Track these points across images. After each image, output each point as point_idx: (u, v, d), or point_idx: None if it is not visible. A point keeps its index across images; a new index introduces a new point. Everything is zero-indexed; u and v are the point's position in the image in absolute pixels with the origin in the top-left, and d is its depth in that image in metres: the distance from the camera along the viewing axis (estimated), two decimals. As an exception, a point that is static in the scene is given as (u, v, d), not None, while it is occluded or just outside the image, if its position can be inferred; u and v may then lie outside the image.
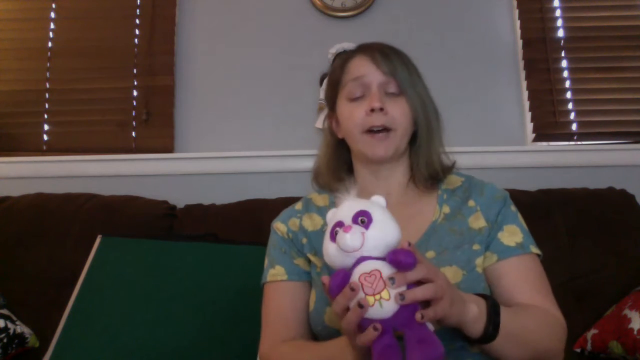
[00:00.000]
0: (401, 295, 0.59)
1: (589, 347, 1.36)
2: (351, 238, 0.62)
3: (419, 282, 0.61)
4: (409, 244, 0.63)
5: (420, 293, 0.60)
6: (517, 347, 0.74)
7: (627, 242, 1.52)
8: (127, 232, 1.48)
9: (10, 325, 1.34)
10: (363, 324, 0.61)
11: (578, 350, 1.38)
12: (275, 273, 0.94)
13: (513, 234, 0.88)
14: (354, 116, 0.90)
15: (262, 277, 0.97)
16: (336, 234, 0.65)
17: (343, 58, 0.97)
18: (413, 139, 0.94)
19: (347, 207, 0.67)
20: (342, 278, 0.63)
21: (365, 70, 0.91)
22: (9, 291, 1.46)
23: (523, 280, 0.84)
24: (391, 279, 0.60)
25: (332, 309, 0.64)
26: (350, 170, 1.01)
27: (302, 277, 0.93)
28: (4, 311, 1.38)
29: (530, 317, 0.79)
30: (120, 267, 1.37)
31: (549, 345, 0.79)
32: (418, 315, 0.59)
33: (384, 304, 0.60)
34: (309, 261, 0.94)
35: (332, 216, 0.69)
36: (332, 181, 0.97)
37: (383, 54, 0.91)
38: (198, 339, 1.24)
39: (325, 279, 0.65)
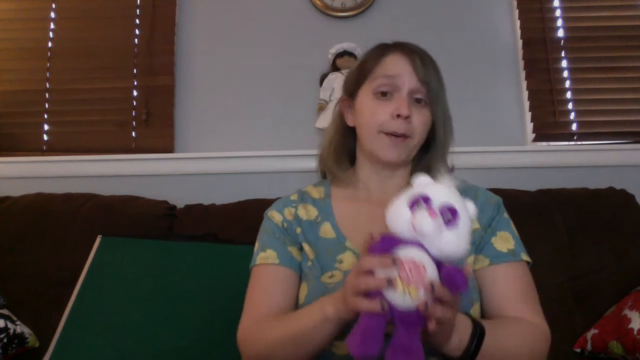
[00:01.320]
0: (426, 305, 0.58)
1: (589, 347, 1.36)
2: (432, 226, 0.59)
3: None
4: (466, 269, 0.62)
5: (440, 313, 0.60)
6: None
7: (627, 242, 1.52)
8: (127, 232, 1.48)
9: (10, 325, 1.34)
10: (371, 293, 0.60)
11: (578, 350, 1.38)
12: (266, 256, 0.91)
13: (505, 240, 0.89)
14: (377, 114, 0.88)
15: (251, 261, 0.94)
16: (418, 206, 0.61)
17: (379, 49, 0.95)
18: (422, 147, 0.94)
19: (443, 190, 0.63)
20: (392, 245, 0.61)
21: (401, 71, 0.89)
22: (9, 291, 1.46)
23: (511, 289, 0.85)
24: (432, 285, 0.59)
25: (359, 261, 0.63)
26: (351, 157, 1.00)
27: (293, 265, 0.91)
28: (4, 311, 1.38)
29: (512, 334, 0.79)
30: (120, 267, 1.37)
31: (529, 358, 0.80)
32: (432, 325, 0.59)
33: (406, 298, 0.58)
34: (301, 251, 0.93)
35: (425, 184, 0.64)
36: (334, 166, 0.97)
37: (422, 59, 0.90)
38: (198, 339, 1.24)
39: (377, 234, 0.63)
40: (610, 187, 1.66)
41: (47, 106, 1.97)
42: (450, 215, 0.60)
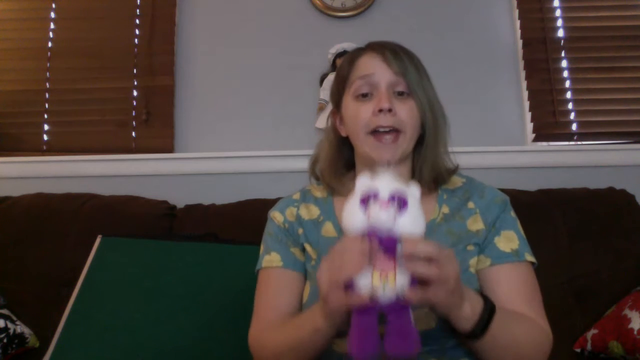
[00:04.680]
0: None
1: (589, 347, 1.36)
2: (387, 217, 0.62)
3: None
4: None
5: (421, 268, 0.60)
6: (501, 352, 0.75)
7: (627, 242, 1.52)
8: (127, 232, 1.48)
9: (10, 325, 1.34)
10: (350, 286, 0.62)
11: (578, 350, 1.38)
12: (270, 259, 0.93)
13: (510, 240, 0.87)
14: (360, 116, 0.88)
15: (257, 264, 0.96)
16: (369, 203, 0.64)
17: (352, 55, 0.94)
18: (418, 141, 0.93)
19: (386, 181, 0.66)
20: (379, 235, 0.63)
21: (374, 69, 0.88)
22: (9, 291, 1.46)
23: (514, 290, 0.83)
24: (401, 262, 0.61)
25: (339, 247, 0.64)
26: (349, 166, 0.99)
27: (297, 267, 0.92)
28: (4, 311, 1.38)
29: (520, 323, 0.79)
30: (120, 267, 1.37)
31: (533, 357, 0.79)
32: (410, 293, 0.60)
33: (386, 287, 0.61)
34: (304, 252, 0.94)
35: (369, 183, 0.67)
36: (332, 179, 0.96)
37: (394, 52, 0.89)
38: (198, 339, 1.24)
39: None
40: (610, 187, 1.66)
41: (47, 106, 1.97)
42: (400, 200, 0.64)
